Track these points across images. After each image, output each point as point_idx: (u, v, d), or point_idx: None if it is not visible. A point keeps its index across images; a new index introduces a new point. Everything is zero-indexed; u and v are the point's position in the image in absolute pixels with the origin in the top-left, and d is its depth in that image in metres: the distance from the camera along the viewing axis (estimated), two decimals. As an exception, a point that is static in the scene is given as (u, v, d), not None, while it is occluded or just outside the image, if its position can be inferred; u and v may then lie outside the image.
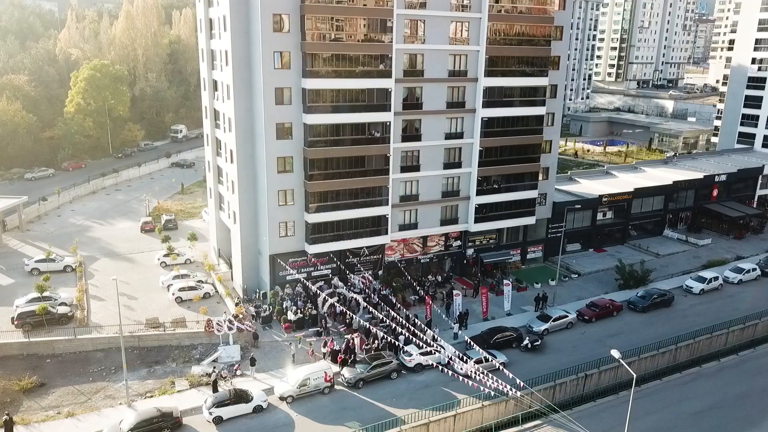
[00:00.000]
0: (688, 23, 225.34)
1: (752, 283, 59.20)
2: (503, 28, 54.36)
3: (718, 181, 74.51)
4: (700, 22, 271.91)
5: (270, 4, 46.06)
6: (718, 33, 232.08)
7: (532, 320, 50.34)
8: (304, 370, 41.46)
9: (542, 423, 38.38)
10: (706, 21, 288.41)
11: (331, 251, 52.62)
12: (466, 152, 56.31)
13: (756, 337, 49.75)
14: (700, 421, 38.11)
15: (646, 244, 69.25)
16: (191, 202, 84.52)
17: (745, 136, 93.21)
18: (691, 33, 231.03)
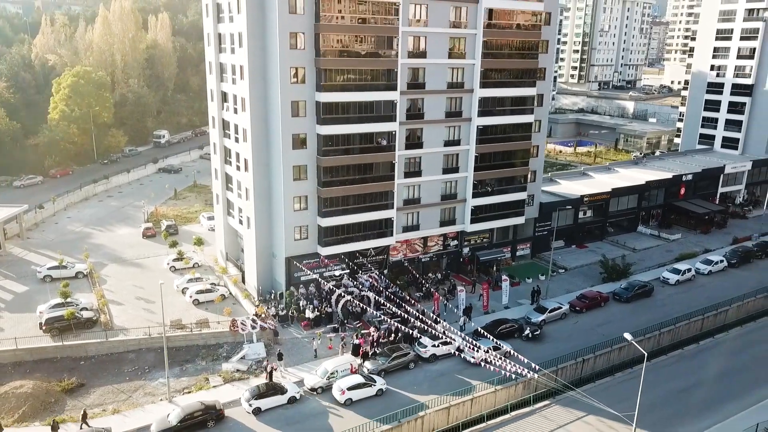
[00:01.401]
0: (645, 27, 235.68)
1: (720, 274, 65.17)
2: (496, 42, 58.75)
3: (684, 180, 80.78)
4: (654, 25, 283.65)
5: (288, 23, 49.31)
6: (672, 36, 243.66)
7: (530, 312, 54.94)
8: (332, 363, 45.00)
9: (551, 403, 42.87)
10: (659, 24, 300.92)
11: (342, 253, 56.12)
12: (463, 158, 60.57)
13: (728, 321, 55.44)
14: (688, 396, 43.13)
15: (623, 240, 74.92)
16: (186, 208, 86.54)
17: (706, 137, 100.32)
18: (647, 36, 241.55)
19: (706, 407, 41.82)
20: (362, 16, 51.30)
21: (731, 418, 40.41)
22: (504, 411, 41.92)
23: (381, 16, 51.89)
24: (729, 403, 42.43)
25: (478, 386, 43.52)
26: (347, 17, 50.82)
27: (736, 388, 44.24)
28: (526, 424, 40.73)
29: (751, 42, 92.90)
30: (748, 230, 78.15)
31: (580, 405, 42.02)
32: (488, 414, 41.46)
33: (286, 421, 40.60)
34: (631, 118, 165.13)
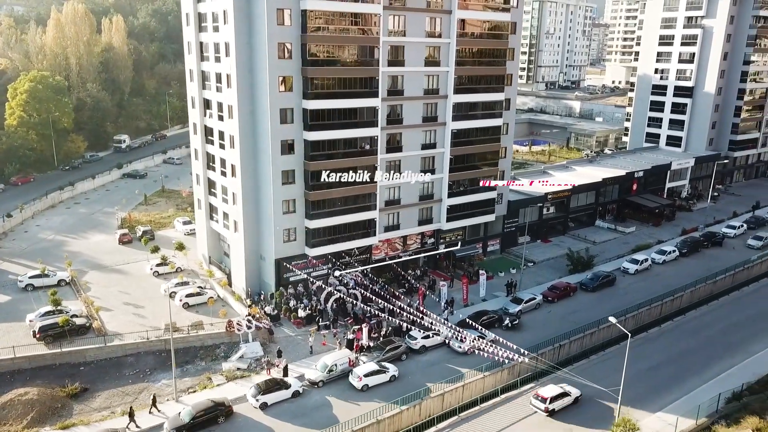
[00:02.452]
0: (587, 29, 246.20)
1: (673, 263, 70.86)
2: (468, 50, 62.34)
3: (636, 176, 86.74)
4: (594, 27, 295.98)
5: (276, 34, 51.37)
6: (612, 38, 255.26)
7: (507, 303, 58.81)
8: (331, 357, 47.49)
9: (535, 385, 46.61)
10: (599, 26, 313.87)
11: (328, 253, 58.50)
12: (439, 160, 63.91)
13: (683, 306, 60.78)
14: (656, 374, 47.66)
15: (583, 234, 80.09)
16: (158, 213, 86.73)
17: (652, 136, 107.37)
18: (588, 38, 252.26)
19: (673, 383, 46.44)
20: (346, 27, 53.87)
21: (695, 390, 45.16)
22: (495, 394, 45.42)
23: (363, 27, 54.60)
24: (692, 378, 47.22)
25: (467, 373, 46.90)
26: (332, 28, 53.28)
27: (696, 365, 49.15)
28: (516, 405, 44.35)
29: (690, 47, 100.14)
30: (694, 222, 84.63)
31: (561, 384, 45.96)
32: (481, 397, 44.83)
33: (292, 415, 42.86)
34: (578, 117, 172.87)
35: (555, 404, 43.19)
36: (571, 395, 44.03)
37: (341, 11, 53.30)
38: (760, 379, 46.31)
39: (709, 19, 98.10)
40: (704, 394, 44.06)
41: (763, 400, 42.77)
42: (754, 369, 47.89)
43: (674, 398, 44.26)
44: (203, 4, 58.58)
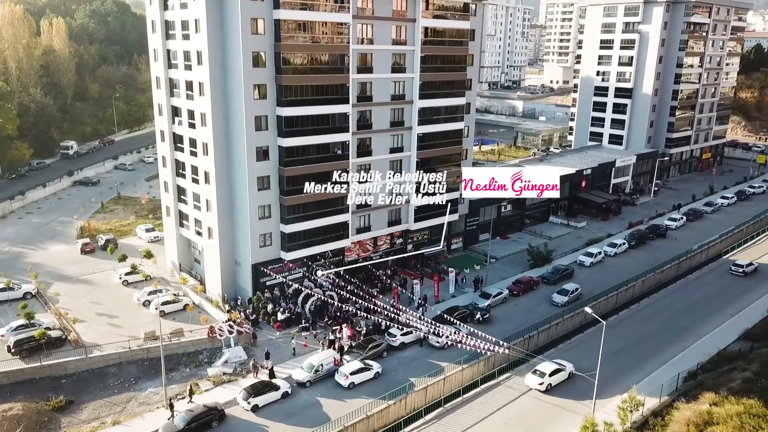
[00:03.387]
0: (525, 30, 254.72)
1: (623, 255, 75.74)
2: (431, 57, 64.77)
3: (585, 174, 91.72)
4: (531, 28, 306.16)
5: (251, 44, 52.27)
6: (549, 39, 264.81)
7: (476, 299, 61.70)
8: (316, 358, 48.93)
9: (511, 374, 49.59)
10: (536, 27, 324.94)
11: (304, 257, 59.75)
12: (406, 163, 66.16)
13: (636, 295, 65.30)
14: (619, 358, 51.33)
15: (539, 230, 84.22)
16: (117, 221, 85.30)
17: (595, 134, 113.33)
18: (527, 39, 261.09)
19: (635, 365, 50.34)
20: (318, 35, 55.30)
21: (655, 371, 49.21)
22: (475, 385, 48.03)
23: (334, 35, 56.15)
24: (651, 360, 51.31)
25: (446, 367, 49.32)
26: (305, 37, 54.59)
27: (654, 348, 53.34)
28: (496, 393, 47.14)
29: (629, 51, 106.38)
30: (638, 215, 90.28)
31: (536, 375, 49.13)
32: (463, 389, 47.35)
33: (284, 415, 44.14)
34: (521, 116, 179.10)
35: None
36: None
37: (313, 20, 54.67)
38: (710, 358, 50.82)
39: (645, 25, 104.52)
40: (664, 375, 48.11)
41: (716, 377, 47.13)
42: (705, 349, 52.46)
43: (638, 379, 48.02)
44: (171, 12, 58.62)
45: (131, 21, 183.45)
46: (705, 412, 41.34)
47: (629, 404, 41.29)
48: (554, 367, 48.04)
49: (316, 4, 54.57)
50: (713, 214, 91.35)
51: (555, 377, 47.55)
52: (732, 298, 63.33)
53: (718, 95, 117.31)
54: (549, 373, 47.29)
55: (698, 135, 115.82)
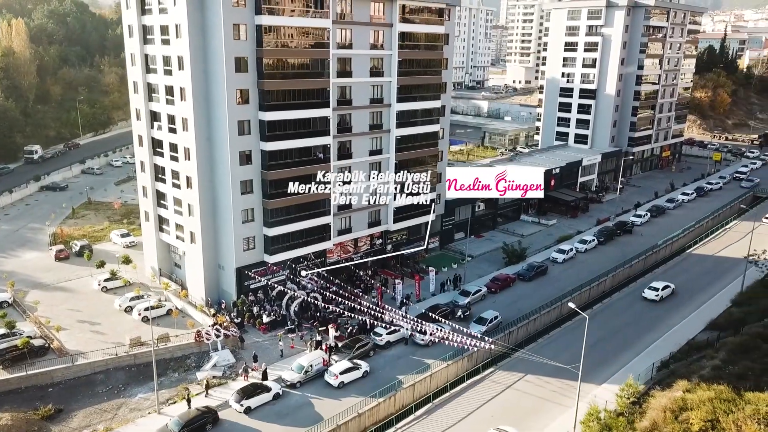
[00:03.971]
0: (488, 31, 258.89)
1: (593, 251, 78.57)
2: (408, 61, 66.17)
3: (554, 173, 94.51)
4: (494, 29, 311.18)
5: (233, 49, 52.66)
6: (511, 39, 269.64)
7: (456, 297, 63.32)
8: (306, 359, 49.71)
9: (495, 369, 51.32)
10: (498, 27, 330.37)
11: (287, 259, 60.35)
12: (385, 165, 67.37)
13: (607, 289, 68.03)
14: (596, 350, 53.25)
15: (511, 228, 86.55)
16: (90, 226, 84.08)
17: (561, 134, 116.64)
18: (490, 40, 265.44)
19: (611, 357, 52.63)
20: (299, 41, 56.02)
21: (630, 362, 51.62)
22: (461, 380, 49.59)
23: (315, 40, 56.95)
24: (626, 351, 53.75)
25: (432, 364, 50.78)
26: (286, 42, 55.23)
27: (628, 340, 55.84)
28: (482, 388, 48.76)
29: (592, 53, 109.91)
30: (605, 212, 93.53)
31: (518, 368, 51.12)
32: (450, 384, 48.85)
33: (277, 416, 44.82)
34: (486, 116, 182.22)
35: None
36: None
37: (294, 26, 55.35)
38: (680, 348, 53.47)
39: (607, 28, 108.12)
40: (639, 365, 50.51)
41: (687, 365, 49.66)
42: (675, 339, 55.19)
43: (614, 370, 50.39)
44: (149, 17, 58.43)
45: (91, 21, 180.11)
46: (679, 399, 43.65)
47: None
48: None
49: (297, 10, 55.26)
50: (675, 210, 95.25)
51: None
52: (697, 291, 66.47)
53: (676, 95, 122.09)
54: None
55: (658, 134, 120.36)
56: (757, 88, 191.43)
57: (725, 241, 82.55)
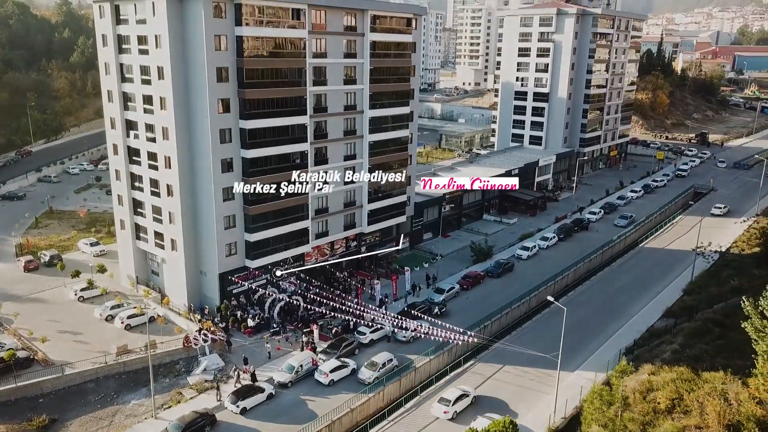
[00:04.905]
0: (438, 34, 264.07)
1: (554, 247, 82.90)
2: (379, 69, 68.56)
3: (513, 173, 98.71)
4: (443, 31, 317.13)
5: (215, 58, 53.81)
6: (460, 42, 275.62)
7: (431, 294, 66.14)
8: (295, 359, 51.44)
9: (474, 362, 54.34)
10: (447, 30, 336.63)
11: (268, 264, 61.73)
12: (359, 169, 69.56)
13: (570, 283, 72.32)
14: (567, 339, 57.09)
15: (475, 227, 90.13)
16: (56, 236, 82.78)
17: (517, 136, 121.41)
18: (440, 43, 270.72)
19: (580, 346, 56.45)
20: (278, 51, 57.60)
21: (598, 350, 55.64)
22: (445, 373, 52.37)
23: (292, 50, 58.63)
24: (593, 340, 57.73)
25: (415, 359, 53.38)
26: (265, 52, 56.71)
27: (594, 329, 59.86)
28: (464, 380, 51.58)
29: (545, 59, 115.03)
30: (562, 210, 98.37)
31: (496, 359, 54.30)
32: (436, 377, 51.56)
33: (272, 415, 46.42)
34: (440, 118, 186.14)
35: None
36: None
37: (273, 36, 56.91)
38: (642, 335, 57.89)
39: (558, 35, 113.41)
40: (606, 352, 54.56)
41: (649, 350, 53.94)
42: (636, 327, 59.63)
43: (584, 358, 54.25)
44: (125, 26, 58.77)
45: (35, 24, 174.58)
46: (646, 381, 47.67)
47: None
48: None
49: (275, 21, 56.84)
50: (626, 207, 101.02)
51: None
52: (651, 282, 71.47)
53: (621, 98, 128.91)
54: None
55: (606, 134, 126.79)
56: (691, 89, 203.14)
57: (673, 234, 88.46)
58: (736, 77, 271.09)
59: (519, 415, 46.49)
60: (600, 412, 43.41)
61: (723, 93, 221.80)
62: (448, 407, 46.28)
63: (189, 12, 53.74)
